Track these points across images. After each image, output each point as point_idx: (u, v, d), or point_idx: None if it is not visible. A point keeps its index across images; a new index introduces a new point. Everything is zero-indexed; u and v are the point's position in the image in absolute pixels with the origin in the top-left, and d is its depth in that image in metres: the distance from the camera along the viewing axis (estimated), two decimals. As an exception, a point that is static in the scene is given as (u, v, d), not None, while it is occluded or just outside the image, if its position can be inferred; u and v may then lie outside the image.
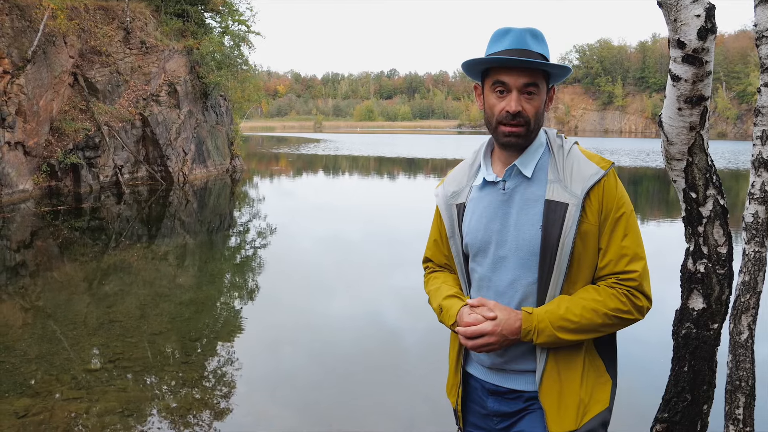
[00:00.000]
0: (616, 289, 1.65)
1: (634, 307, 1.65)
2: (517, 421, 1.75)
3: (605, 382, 1.72)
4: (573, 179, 1.66)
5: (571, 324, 1.61)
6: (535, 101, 1.66)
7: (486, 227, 1.75)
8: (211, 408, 4.52)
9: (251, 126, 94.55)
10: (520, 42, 1.65)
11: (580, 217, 1.62)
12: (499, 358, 1.76)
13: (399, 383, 5.02)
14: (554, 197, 1.65)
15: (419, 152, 41.13)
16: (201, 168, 22.26)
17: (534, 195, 1.69)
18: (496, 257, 1.73)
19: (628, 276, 1.65)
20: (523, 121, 1.66)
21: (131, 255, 9.91)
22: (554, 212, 1.64)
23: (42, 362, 5.22)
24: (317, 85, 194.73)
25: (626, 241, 1.66)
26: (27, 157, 16.08)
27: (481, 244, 1.76)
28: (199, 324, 6.40)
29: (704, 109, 2.34)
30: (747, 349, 3.00)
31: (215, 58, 22.80)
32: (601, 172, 1.66)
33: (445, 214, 1.88)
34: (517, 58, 1.62)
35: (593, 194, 1.65)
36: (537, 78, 1.65)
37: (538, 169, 1.71)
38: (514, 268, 1.70)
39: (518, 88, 1.64)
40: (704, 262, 2.52)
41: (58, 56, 17.09)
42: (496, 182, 1.75)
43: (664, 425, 2.68)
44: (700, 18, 2.15)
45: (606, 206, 1.66)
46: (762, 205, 2.96)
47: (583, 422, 1.66)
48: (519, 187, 1.72)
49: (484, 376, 1.81)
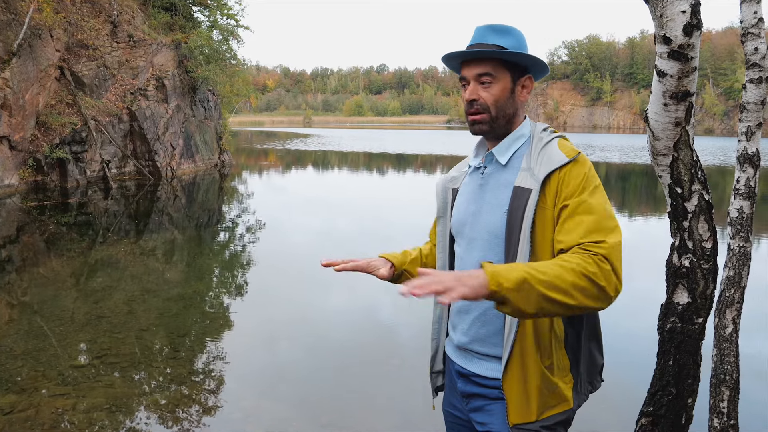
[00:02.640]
0: (583, 254, 1.51)
1: (603, 275, 1.47)
2: (480, 409, 1.80)
3: (569, 381, 1.73)
4: (540, 167, 1.69)
5: (541, 274, 1.43)
6: (492, 89, 1.74)
7: (465, 209, 1.84)
8: (199, 404, 4.50)
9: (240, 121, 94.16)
10: (478, 38, 1.77)
11: (538, 200, 1.65)
12: (464, 336, 1.81)
13: (393, 377, 5.02)
14: (521, 184, 1.70)
15: (408, 148, 41.12)
16: (189, 163, 22.14)
17: (506, 181, 1.76)
18: (469, 238, 1.81)
19: (593, 245, 1.52)
20: (481, 108, 1.75)
21: (119, 250, 9.84)
22: (519, 198, 1.68)
23: (28, 358, 5.18)
24: (306, 79, 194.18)
25: (587, 218, 1.57)
26: (12, 152, 15.92)
27: (459, 225, 1.85)
28: (187, 319, 6.37)
29: (690, 105, 2.35)
30: (732, 343, 3.03)
31: (203, 52, 22.66)
32: (564, 158, 1.67)
33: (440, 196, 1.99)
34: (463, 51, 1.75)
35: (552, 178, 1.66)
36: (491, 68, 1.74)
37: (515, 157, 1.78)
38: (482, 248, 1.76)
39: (474, 78, 1.75)
40: (689, 257, 2.54)
41: (44, 50, 16.91)
42: (478, 167, 1.86)
43: (650, 418, 2.71)
44: (685, 14, 2.16)
45: (563, 190, 1.63)
46: (747, 200, 2.98)
47: (543, 416, 1.67)
48: (494, 173, 1.80)
49: (454, 357, 1.88)
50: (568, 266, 1.47)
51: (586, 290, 1.46)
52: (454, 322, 1.88)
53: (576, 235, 1.56)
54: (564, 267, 1.46)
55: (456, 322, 1.86)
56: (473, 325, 1.79)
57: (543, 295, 1.42)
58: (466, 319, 1.81)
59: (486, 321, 1.76)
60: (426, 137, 59.42)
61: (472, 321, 1.79)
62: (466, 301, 1.71)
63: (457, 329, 1.85)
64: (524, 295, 1.41)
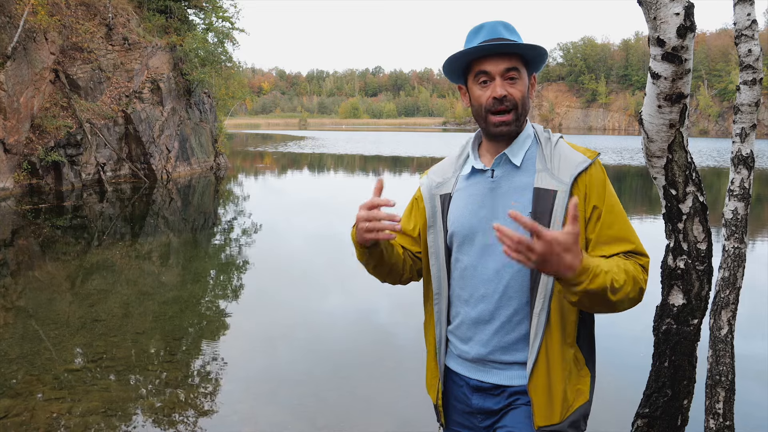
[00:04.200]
0: (634, 263, 1.65)
1: (643, 280, 1.65)
2: (501, 417, 1.73)
3: (585, 375, 1.72)
4: (560, 167, 1.68)
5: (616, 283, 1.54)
6: (519, 85, 1.70)
7: (473, 214, 1.75)
8: (195, 407, 4.49)
9: (236, 123, 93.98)
10: (494, 33, 1.71)
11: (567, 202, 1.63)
12: (483, 348, 1.73)
13: (389, 380, 5.02)
14: (542, 185, 1.66)
15: (404, 150, 41.13)
16: (185, 165, 22.10)
17: (522, 183, 1.70)
18: (484, 245, 1.72)
19: (639, 257, 1.68)
20: (511, 105, 1.69)
21: (114, 253, 9.81)
22: (543, 199, 1.65)
23: (23, 362, 5.16)
24: (302, 82, 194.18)
25: (615, 229, 1.67)
26: (7, 155, 15.86)
27: (468, 231, 1.75)
28: (183, 323, 6.36)
29: (684, 107, 2.36)
30: (727, 344, 3.04)
31: (199, 54, 22.63)
32: (588, 160, 1.68)
33: (428, 203, 1.86)
34: (496, 43, 1.67)
35: (581, 180, 1.66)
36: (517, 63, 1.70)
37: (527, 159, 1.73)
38: (501, 254, 1.66)
39: (500, 73, 1.68)
40: (684, 259, 2.55)
41: (39, 52, 16.87)
42: (484, 171, 1.77)
43: (645, 420, 2.71)
44: (679, 16, 2.17)
45: (592, 194, 1.66)
46: (741, 201, 2.99)
47: (567, 415, 1.67)
48: (507, 175, 1.73)
49: (467, 371, 1.78)
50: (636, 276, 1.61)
51: (635, 301, 1.63)
52: (466, 335, 1.77)
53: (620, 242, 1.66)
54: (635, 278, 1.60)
55: (470, 335, 1.76)
56: (496, 334, 1.71)
57: (609, 301, 1.55)
58: (486, 329, 1.73)
59: (511, 328, 1.70)
60: (422, 139, 59.44)
61: (495, 330, 1.72)
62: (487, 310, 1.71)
63: (473, 341, 1.76)
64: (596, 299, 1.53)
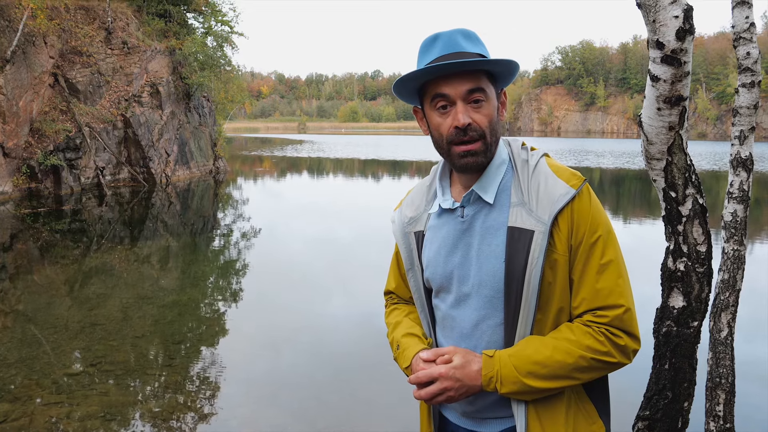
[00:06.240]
0: (592, 327, 1.41)
1: (615, 348, 1.40)
2: None
3: (598, 429, 1.49)
4: (539, 201, 1.42)
5: (540, 368, 1.38)
6: (485, 109, 1.43)
7: (446, 261, 1.52)
8: (195, 411, 4.48)
9: (235, 127, 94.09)
10: (451, 46, 1.43)
11: (547, 245, 1.39)
12: (470, 406, 1.53)
13: (389, 383, 5.01)
14: (518, 224, 1.42)
15: (403, 154, 41.16)
16: (184, 169, 22.11)
17: (496, 222, 1.46)
18: (459, 294, 1.51)
19: (607, 312, 1.41)
20: (477, 135, 1.42)
21: (113, 257, 9.80)
22: (518, 241, 1.41)
23: (22, 367, 5.15)
24: (301, 86, 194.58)
25: (603, 272, 1.42)
26: (6, 159, 15.86)
27: (442, 279, 1.54)
28: (182, 326, 6.35)
29: (683, 109, 2.36)
30: (727, 347, 3.04)
31: (198, 58, 22.69)
32: (571, 191, 1.41)
33: (402, 243, 1.64)
34: (454, 61, 1.38)
35: (561, 219, 1.41)
36: (481, 82, 1.42)
37: (501, 190, 1.48)
38: (478, 307, 1.48)
39: (462, 97, 1.41)
40: (684, 261, 2.55)
41: (38, 56, 16.88)
42: (453, 209, 1.53)
43: (646, 423, 2.71)
44: (678, 19, 2.17)
45: (577, 232, 1.41)
46: (740, 203, 3.00)
47: None
48: (479, 213, 1.49)
49: (459, 421, 1.59)
50: (575, 351, 1.39)
51: (594, 370, 1.42)
52: None
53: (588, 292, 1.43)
54: (570, 352, 1.39)
55: None
56: (480, 395, 1.49)
57: (544, 389, 1.40)
58: None
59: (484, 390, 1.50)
60: (421, 143, 59.48)
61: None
62: None
63: None
64: (524, 391, 1.41)
